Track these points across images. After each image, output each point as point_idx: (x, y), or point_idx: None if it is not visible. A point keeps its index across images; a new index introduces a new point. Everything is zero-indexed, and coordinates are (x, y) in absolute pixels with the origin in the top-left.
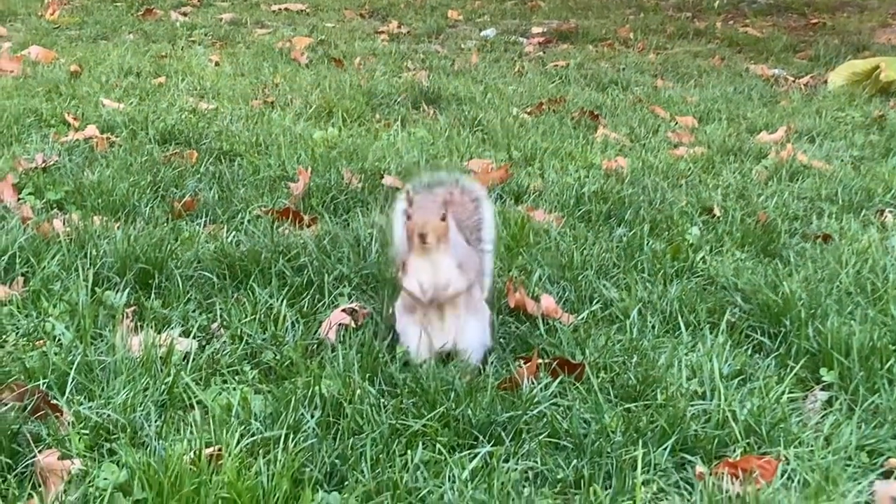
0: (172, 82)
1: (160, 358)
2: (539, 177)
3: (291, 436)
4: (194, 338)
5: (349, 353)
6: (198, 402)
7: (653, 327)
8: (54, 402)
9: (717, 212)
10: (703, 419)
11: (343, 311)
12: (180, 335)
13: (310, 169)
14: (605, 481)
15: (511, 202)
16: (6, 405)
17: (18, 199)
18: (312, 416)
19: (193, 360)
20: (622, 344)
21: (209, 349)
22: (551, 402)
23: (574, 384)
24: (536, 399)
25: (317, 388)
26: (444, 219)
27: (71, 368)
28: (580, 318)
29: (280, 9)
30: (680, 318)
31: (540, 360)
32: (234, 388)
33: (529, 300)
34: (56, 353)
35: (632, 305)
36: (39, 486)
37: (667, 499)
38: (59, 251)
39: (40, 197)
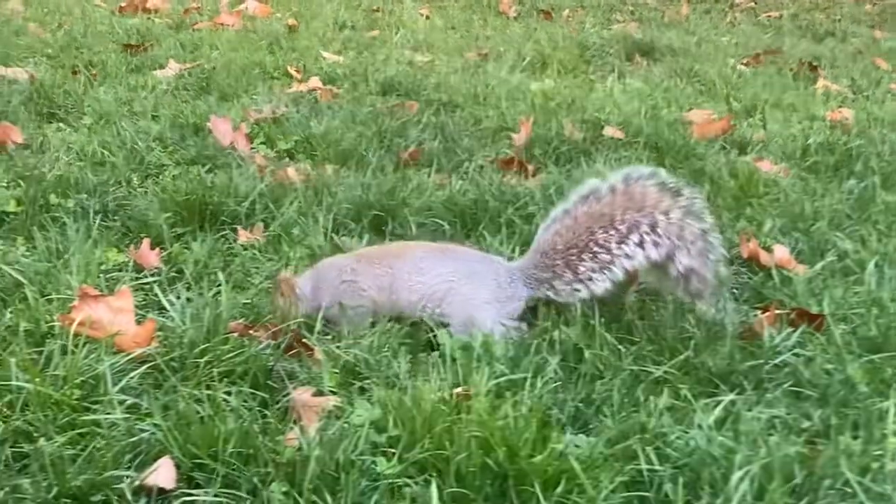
0: (386, 35)
1: None
2: (761, 128)
3: (534, 380)
4: None
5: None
6: (440, 345)
7: (890, 280)
8: (305, 341)
9: None
10: None
11: None
12: None
13: (531, 119)
14: (851, 431)
15: (735, 153)
16: (261, 343)
17: (251, 149)
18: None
19: None
20: (859, 296)
21: None
22: (792, 352)
23: (813, 335)
24: (778, 349)
25: (556, 332)
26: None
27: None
28: (814, 269)
29: None
30: None
31: (777, 311)
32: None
33: (762, 251)
34: None
35: (868, 258)
36: (297, 421)
37: None
38: (296, 198)
39: (271, 146)
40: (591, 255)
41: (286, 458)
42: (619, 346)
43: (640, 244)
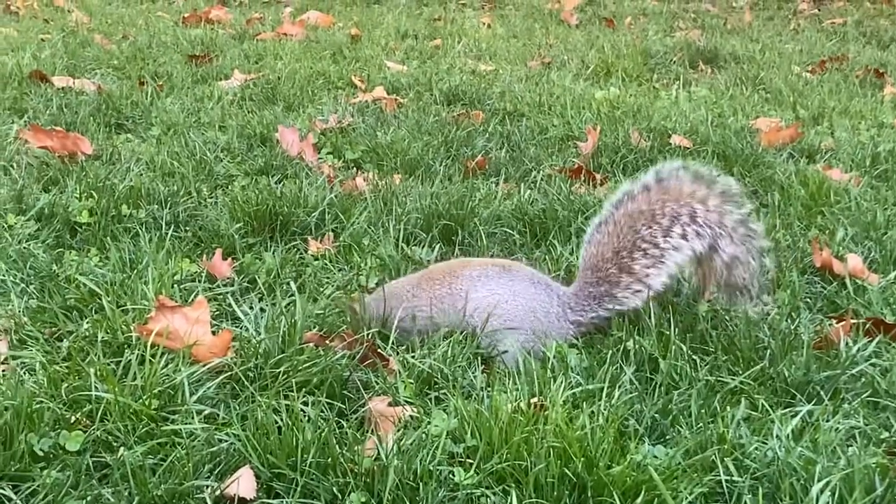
0: (448, 44)
1: None
2: (829, 136)
3: (610, 390)
4: None
5: (660, 311)
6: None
7: None
8: (380, 351)
9: None
10: None
11: None
12: None
13: (597, 128)
14: None
15: (804, 161)
16: (337, 353)
17: (318, 158)
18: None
19: None
20: None
21: None
22: (869, 362)
23: (890, 344)
24: (855, 359)
25: (630, 342)
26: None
27: None
28: (888, 278)
29: None
30: None
31: (853, 321)
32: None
33: (836, 260)
34: None
35: None
36: (374, 430)
37: None
38: (366, 208)
39: (338, 156)
40: (641, 252)
41: (365, 468)
42: (694, 357)
43: (684, 236)
